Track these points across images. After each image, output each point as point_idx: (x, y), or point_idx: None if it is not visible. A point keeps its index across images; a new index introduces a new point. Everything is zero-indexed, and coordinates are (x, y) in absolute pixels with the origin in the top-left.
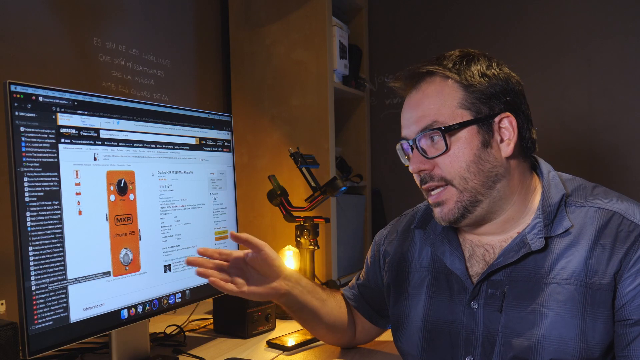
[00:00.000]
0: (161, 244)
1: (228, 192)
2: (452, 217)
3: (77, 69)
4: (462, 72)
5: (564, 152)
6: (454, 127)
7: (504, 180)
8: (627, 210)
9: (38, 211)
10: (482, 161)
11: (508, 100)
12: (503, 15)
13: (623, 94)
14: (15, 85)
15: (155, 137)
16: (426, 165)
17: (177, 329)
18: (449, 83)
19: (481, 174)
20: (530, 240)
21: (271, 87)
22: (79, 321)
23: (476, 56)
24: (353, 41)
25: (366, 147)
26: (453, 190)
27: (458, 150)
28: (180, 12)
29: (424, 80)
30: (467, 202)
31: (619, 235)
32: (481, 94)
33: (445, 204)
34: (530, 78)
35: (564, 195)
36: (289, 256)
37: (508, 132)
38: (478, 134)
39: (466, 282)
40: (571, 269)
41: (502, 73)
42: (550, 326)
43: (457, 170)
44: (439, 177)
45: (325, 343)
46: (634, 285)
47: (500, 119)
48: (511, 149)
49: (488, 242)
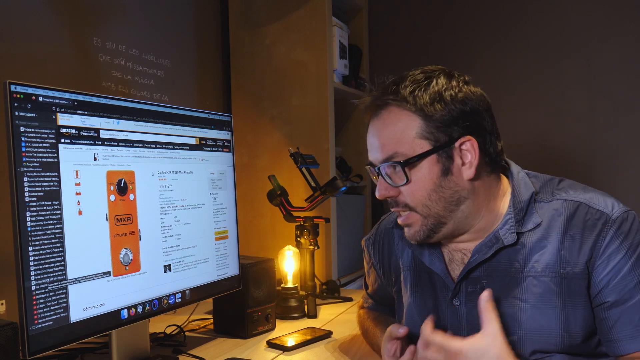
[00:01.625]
0: (161, 244)
1: (228, 192)
2: (418, 237)
3: (77, 69)
4: (419, 99)
5: (564, 152)
6: (413, 159)
7: (467, 201)
8: (591, 199)
9: (38, 211)
10: (443, 188)
11: (467, 125)
12: (503, 15)
13: (623, 94)
14: (15, 85)
15: (155, 137)
16: (391, 192)
17: (177, 329)
18: (407, 113)
19: (442, 200)
20: (502, 235)
21: (271, 87)
22: (79, 321)
23: (435, 77)
24: (353, 41)
25: (366, 147)
26: (417, 216)
27: (418, 180)
28: (180, 12)
29: (383, 109)
30: (431, 225)
31: (587, 224)
32: (439, 123)
33: (411, 226)
34: (530, 78)
35: (534, 192)
36: (289, 256)
37: (470, 155)
38: (437, 163)
39: (447, 280)
40: (545, 262)
41: (461, 93)
42: (531, 319)
43: (418, 199)
44: (403, 204)
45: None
46: (607, 270)
47: (460, 143)
48: (473, 172)
49: (465, 247)
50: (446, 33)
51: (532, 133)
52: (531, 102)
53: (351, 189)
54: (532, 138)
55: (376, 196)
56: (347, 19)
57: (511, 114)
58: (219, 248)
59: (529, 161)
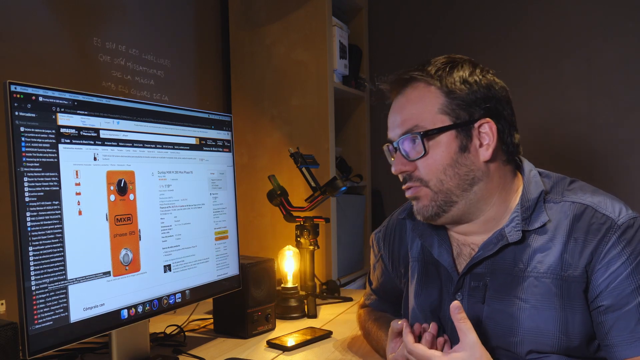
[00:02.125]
0: (161, 244)
1: (228, 192)
2: (426, 213)
3: (77, 69)
4: (444, 79)
5: (564, 152)
6: (433, 131)
7: (481, 182)
8: (599, 203)
9: (38, 211)
10: (459, 165)
11: (489, 107)
12: (503, 15)
13: (623, 94)
14: (15, 85)
15: (155, 137)
16: (407, 167)
17: (177, 329)
18: (432, 89)
19: (457, 177)
20: (508, 233)
21: (271, 87)
22: (79, 321)
23: (460, 63)
24: (353, 41)
25: (366, 147)
26: (427, 190)
27: (436, 154)
28: (180, 12)
29: (409, 86)
30: (441, 201)
31: (591, 228)
32: (462, 101)
33: (419, 200)
34: (531, 78)
35: (543, 191)
36: (289, 256)
37: (488, 137)
38: (456, 139)
39: (452, 273)
40: (548, 263)
41: (485, 80)
42: (529, 318)
43: (434, 173)
44: (417, 178)
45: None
46: (606, 275)
47: (480, 124)
48: (490, 154)
49: (473, 241)
50: (446, 33)
51: (532, 133)
52: (531, 102)
53: (351, 189)
54: (532, 138)
55: (392, 171)
56: (347, 19)
57: None
58: (219, 248)
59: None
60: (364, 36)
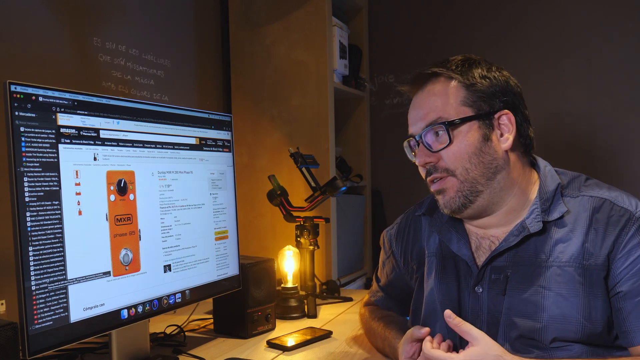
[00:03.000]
0: (161, 244)
1: (228, 192)
2: (454, 205)
3: (77, 69)
4: (464, 74)
5: (564, 152)
6: (456, 121)
7: (503, 172)
8: (616, 198)
9: (38, 211)
10: (483, 153)
11: (507, 100)
12: (503, 15)
13: (623, 94)
14: (15, 85)
15: (155, 137)
16: (431, 158)
17: (177, 329)
18: (453, 83)
19: (481, 165)
20: (529, 224)
21: (271, 87)
22: (79, 321)
23: (477, 60)
24: (353, 41)
25: (366, 147)
26: (454, 180)
27: (460, 143)
28: (180, 12)
29: (430, 81)
30: (467, 191)
31: (611, 219)
32: (482, 93)
33: (446, 192)
34: (531, 78)
35: (559, 184)
36: (289, 256)
37: (507, 128)
38: (479, 129)
39: (472, 267)
40: (570, 253)
41: (502, 76)
42: (554, 306)
43: (459, 162)
44: (443, 169)
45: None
46: (627, 264)
47: (499, 115)
48: (510, 143)
49: (493, 234)
50: (446, 33)
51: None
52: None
53: (351, 189)
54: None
55: (417, 163)
56: (347, 19)
57: None
58: (219, 248)
59: None
60: (364, 36)
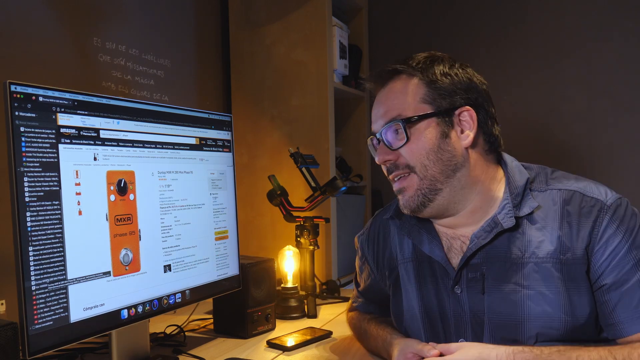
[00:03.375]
0: (161, 244)
1: (228, 192)
2: (412, 204)
3: (77, 69)
4: (425, 71)
5: (564, 152)
6: (414, 119)
7: (463, 169)
8: (585, 188)
9: (38, 211)
10: (442, 150)
11: (469, 97)
12: (503, 15)
13: (623, 94)
14: (15, 85)
15: (155, 137)
16: (390, 156)
17: (177, 329)
18: (414, 81)
19: (440, 162)
20: (501, 219)
21: (271, 87)
22: (79, 321)
23: (440, 58)
24: (353, 41)
25: (366, 147)
26: (415, 178)
27: (418, 140)
28: (180, 12)
29: (392, 79)
30: (426, 189)
31: (582, 211)
32: (443, 91)
33: (406, 191)
34: (531, 78)
35: (528, 179)
36: (289, 256)
37: (468, 124)
38: (437, 126)
39: (447, 267)
40: (546, 249)
41: (465, 73)
42: (534, 304)
43: (417, 158)
44: (404, 165)
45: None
46: (606, 255)
47: (460, 112)
48: (470, 140)
49: (463, 234)
50: (446, 33)
51: (532, 133)
52: (531, 102)
53: (351, 189)
54: (532, 138)
55: (376, 161)
56: (347, 19)
57: (511, 114)
58: (219, 248)
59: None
60: (364, 36)
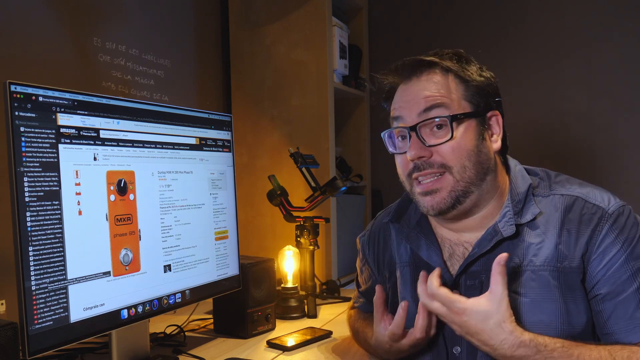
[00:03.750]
0: (161, 244)
1: (228, 192)
2: (443, 206)
3: (77, 69)
4: (461, 68)
5: (564, 152)
6: (460, 116)
7: (492, 173)
8: (588, 194)
9: (38, 211)
10: (480, 152)
11: (498, 100)
12: (503, 15)
13: (623, 94)
14: (15, 85)
15: (155, 137)
16: (425, 152)
17: (177, 329)
18: (451, 77)
19: (477, 165)
20: (501, 228)
21: (271, 87)
22: (79, 321)
23: (467, 57)
24: (353, 41)
25: (366, 147)
26: (450, 178)
27: (461, 139)
28: (180, 12)
29: (426, 70)
30: (460, 191)
31: (583, 218)
32: (480, 90)
33: (438, 192)
34: (531, 78)
35: (531, 185)
36: (289, 256)
37: (496, 128)
38: (477, 126)
39: (445, 275)
40: (543, 256)
41: (492, 77)
42: (530, 312)
43: (458, 158)
44: (439, 164)
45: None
46: (602, 264)
47: (491, 115)
48: (499, 145)
49: (467, 240)
50: (446, 33)
51: (532, 133)
52: (531, 102)
53: (351, 189)
54: (532, 138)
55: (408, 157)
56: (347, 19)
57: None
58: (219, 248)
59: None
60: (364, 36)
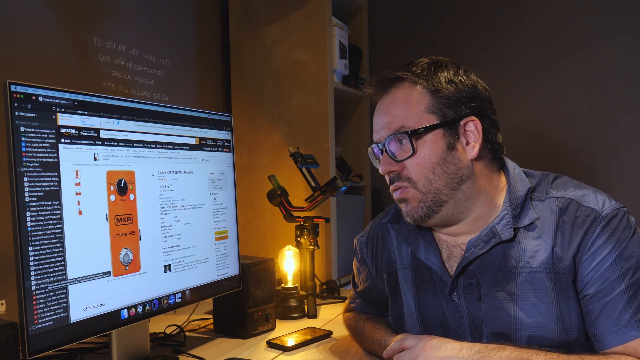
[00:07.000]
0: (161, 244)
1: (228, 192)
2: (416, 214)
3: (77, 69)
4: (429, 78)
5: (564, 152)
6: (420, 130)
7: (469, 181)
8: (583, 196)
9: (38, 211)
10: (447, 163)
11: (474, 106)
12: (503, 15)
13: (623, 94)
14: (15, 85)
15: (155, 137)
16: (395, 167)
17: (177, 329)
18: (417, 89)
19: (445, 176)
20: (500, 230)
21: (271, 87)
22: (79, 321)
23: (444, 64)
24: (353, 41)
25: (366, 147)
26: (415, 192)
27: (424, 153)
28: (180, 12)
29: (394, 86)
30: (430, 202)
31: (577, 220)
32: (448, 99)
33: (408, 201)
34: (531, 78)
35: (530, 188)
36: (289, 256)
37: (473, 135)
38: (443, 137)
39: (443, 275)
40: (540, 259)
41: (469, 80)
42: (527, 313)
43: (422, 172)
44: (405, 178)
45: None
46: (593, 265)
47: (465, 122)
48: (476, 152)
49: (464, 242)
50: (446, 33)
51: (532, 133)
52: (531, 102)
53: (351, 189)
54: (532, 138)
55: (380, 172)
56: (347, 19)
57: (511, 114)
58: (219, 248)
59: (529, 161)
60: (364, 36)
